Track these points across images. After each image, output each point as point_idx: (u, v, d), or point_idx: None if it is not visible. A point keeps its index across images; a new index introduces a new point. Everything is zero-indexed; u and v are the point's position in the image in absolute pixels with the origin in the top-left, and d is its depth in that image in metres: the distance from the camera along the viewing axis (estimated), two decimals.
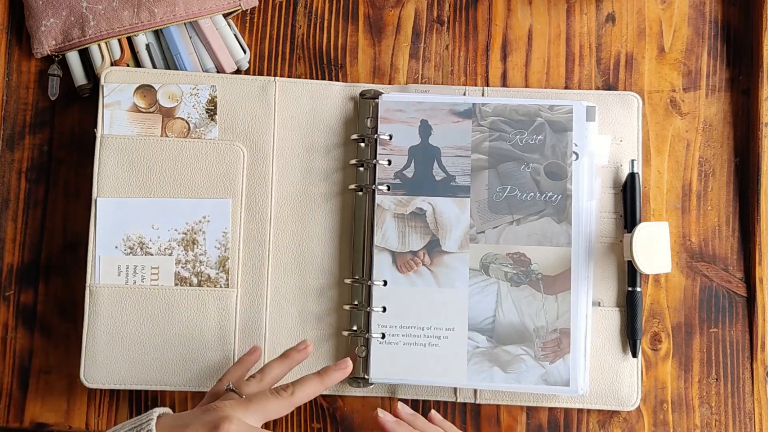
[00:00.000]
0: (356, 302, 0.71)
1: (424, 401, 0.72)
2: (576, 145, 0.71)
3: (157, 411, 0.61)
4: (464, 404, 0.72)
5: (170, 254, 0.72)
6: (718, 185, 0.74)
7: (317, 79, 0.76)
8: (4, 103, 0.76)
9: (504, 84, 0.76)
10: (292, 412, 0.73)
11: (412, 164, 0.72)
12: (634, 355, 0.71)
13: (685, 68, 0.76)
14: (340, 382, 0.71)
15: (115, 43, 0.74)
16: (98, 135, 0.72)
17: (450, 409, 0.73)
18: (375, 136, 0.72)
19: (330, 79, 0.76)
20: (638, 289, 0.71)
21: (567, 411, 0.72)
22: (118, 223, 0.71)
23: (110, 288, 0.71)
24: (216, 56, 0.74)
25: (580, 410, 0.72)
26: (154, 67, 0.74)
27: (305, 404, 0.73)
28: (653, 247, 0.68)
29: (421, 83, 0.76)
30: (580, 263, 0.70)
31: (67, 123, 0.76)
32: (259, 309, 0.72)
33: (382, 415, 0.65)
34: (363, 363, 0.71)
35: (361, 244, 0.72)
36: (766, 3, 0.73)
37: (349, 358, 0.66)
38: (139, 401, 0.73)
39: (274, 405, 0.62)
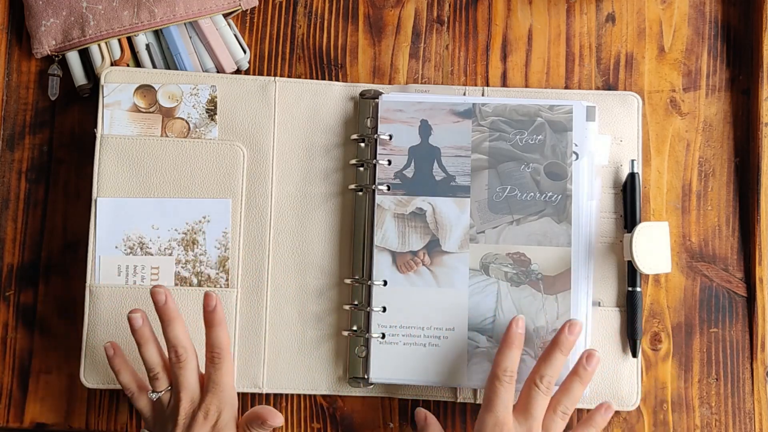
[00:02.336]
0: (356, 302, 0.71)
1: (424, 401, 0.72)
2: (576, 145, 0.71)
3: None
4: (464, 404, 0.72)
5: (170, 254, 0.72)
6: (718, 185, 0.74)
7: (317, 79, 0.76)
8: (4, 103, 0.76)
9: (504, 84, 0.76)
10: (291, 412, 0.73)
11: (412, 164, 0.72)
12: (634, 355, 0.71)
13: (685, 68, 0.76)
14: (340, 381, 0.71)
15: (115, 43, 0.74)
16: (98, 135, 0.72)
17: (450, 409, 0.73)
18: (375, 136, 0.72)
19: (330, 79, 0.76)
20: (638, 289, 0.71)
21: None
22: (118, 223, 0.71)
23: (110, 288, 0.71)
24: (216, 56, 0.74)
25: (580, 410, 0.72)
26: (154, 67, 0.74)
27: (305, 404, 0.73)
28: (653, 247, 0.68)
29: (421, 83, 0.76)
30: (580, 263, 0.70)
31: (67, 123, 0.76)
32: (259, 309, 0.72)
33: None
34: (363, 363, 0.71)
35: (361, 244, 0.72)
36: (766, 3, 0.73)
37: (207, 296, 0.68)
38: None
39: (220, 374, 0.66)
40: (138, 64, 0.75)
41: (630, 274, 0.71)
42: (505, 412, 0.65)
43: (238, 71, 0.75)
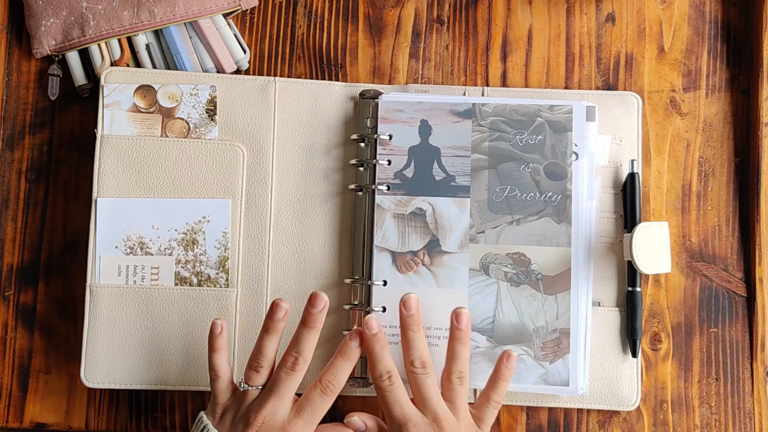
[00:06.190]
0: (356, 302, 0.71)
1: None
2: (576, 145, 0.71)
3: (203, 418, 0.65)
4: None
5: (170, 254, 0.72)
6: (718, 185, 0.74)
7: (317, 79, 0.76)
8: (4, 103, 0.76)
9: (504, 84, 0.76)
10: None
11: (412, 164, 0.72)
12: (634, 355, 0.71)
13: (685, 68, 0.76)
14: None
15: (115, 43, 0.74)
16: (98, 135, 0.72)
17: None
18: (375, 136, 0.72)
19: (330, 79, 0.76)
20: (638, 289, 0.71)
21: (567, 411, 0.72)
22: (118, 223, 0.71)
23: (110, 288, 0.71)
24: (216, 56, 0.74)
25: (579, 410, 0.72)
26: (154, 67, 0.74)
27: None
28: (653, 247, 0.68)
29: (421, 83, 0.76)
30: (580, 263, 0.70)
31: (67, 123, 0.76)
32: (259, 309, 0.72)
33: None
34: (363, 363, 0.71)
35: (361, 244, 0.72)
36: (766, 3, 0.73)
37: (350, 333, 0.65)
38: (139, 401, 0.73)
39: (324, 405, 0.64)
40: (138, 64, 0.75)
41: (630, 274, 0.71)
42: (402, 410, 0.64)
43: (238, 71, 0.75)
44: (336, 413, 0.73)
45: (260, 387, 0.65)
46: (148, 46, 0.74)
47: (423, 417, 0.64)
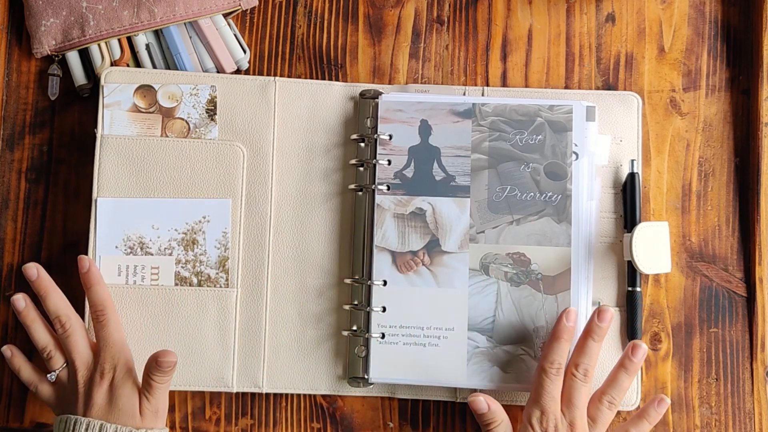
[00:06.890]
0: (356, 302, 0.71)
1: (424, 401, 0.72)
2: (576, 145, 0.71)
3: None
4: (464, 404, 0.72)
5: (170, 254, 0.72)
6: (718, 185, 0.74)
7: (317, 79, 0.76)
8: (4, 103, 0.76)
9: (504, 84, 0.76)
10: (291, 412, 0.73)
11: (412, 164, 0.72)
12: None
13: (685, 68, 0.76)
14: (340, 381, 0.71)
15: (115, 43, 0.74)
16: (98, 135, 0.72)
17: (450, 409, 0.73)
18: (375, 136, 0.72)
19: (330, 79, 0.76)
20: (638, 289, 0.71)
21: None
22: (118, 223, 0.71)
23: (110, 288, 0.71)
24: (216, 56, 0.74)
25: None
26: (154, 67, 0.74)
27: (305, 404, 0.73)
28: (653, 247, 0.68)
29: (421, 83, 0.76)
30: (580, 263, 0.70)
31: (67, 123, 0.76)
32: (259, 309, 0.72)
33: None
34: (363, 363, 0.71)
35: (361, 244, 0.72)
36: (766, 3, 0.73)
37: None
38: None
39: (109, 328, 0.69)
40: (138, 64, 0.75)
41: (630, 274, 0.71)
42: (551, 402, 0.66)
43: (238, 71, 0.75)
44: (336, 413, 0.73)
45: (64, 365, 0.69)
46: (148, 46, 0.74)
47: (563, 417, 0.66)
